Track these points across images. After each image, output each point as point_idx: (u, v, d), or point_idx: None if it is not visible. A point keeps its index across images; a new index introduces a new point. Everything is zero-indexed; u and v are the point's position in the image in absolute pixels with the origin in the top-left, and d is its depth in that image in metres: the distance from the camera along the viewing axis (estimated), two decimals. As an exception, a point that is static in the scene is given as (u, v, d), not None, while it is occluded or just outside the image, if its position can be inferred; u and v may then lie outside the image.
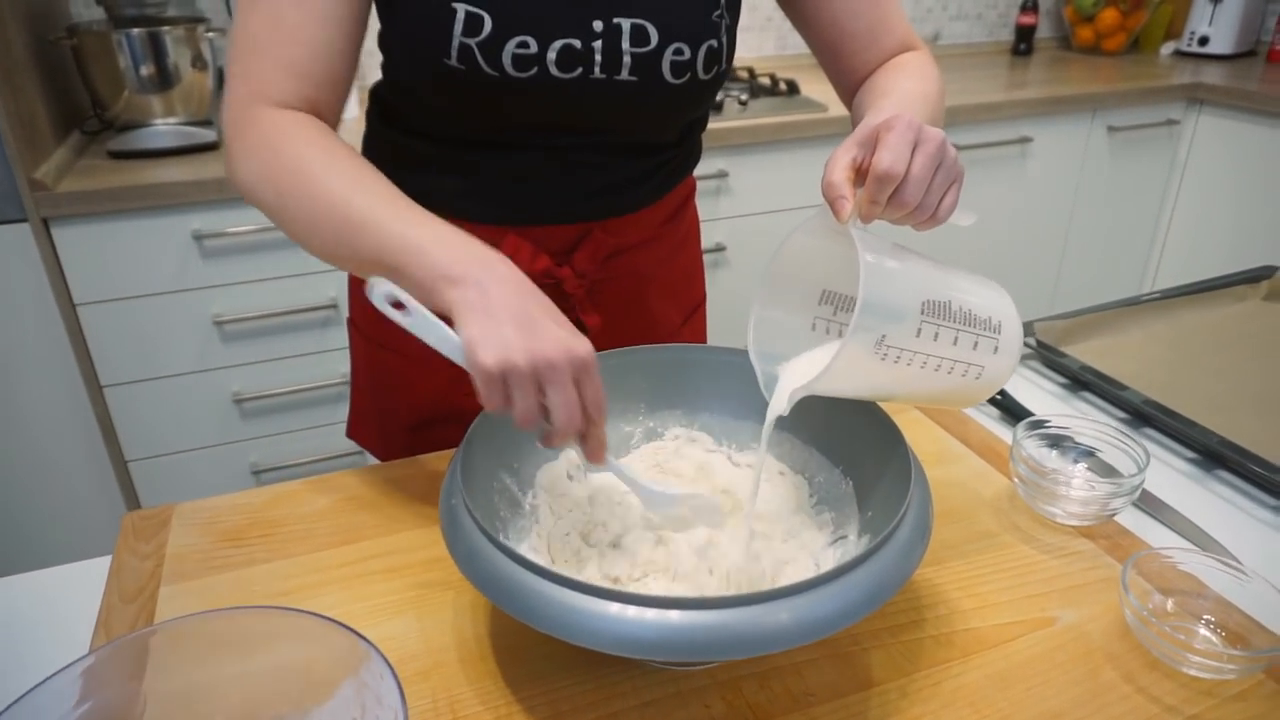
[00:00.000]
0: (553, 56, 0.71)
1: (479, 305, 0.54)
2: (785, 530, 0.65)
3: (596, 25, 0.71)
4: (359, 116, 1.85)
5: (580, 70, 0.72)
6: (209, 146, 1.65)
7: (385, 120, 0.83)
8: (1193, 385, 0.95)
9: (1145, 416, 0.90)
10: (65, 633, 0.63)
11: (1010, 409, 0.92)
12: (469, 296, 0.55)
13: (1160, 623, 0.58)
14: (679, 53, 0.74)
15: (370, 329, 0.90)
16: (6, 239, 1.45)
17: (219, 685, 0.48)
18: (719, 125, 1.84)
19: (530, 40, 0.70)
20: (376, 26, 0.75)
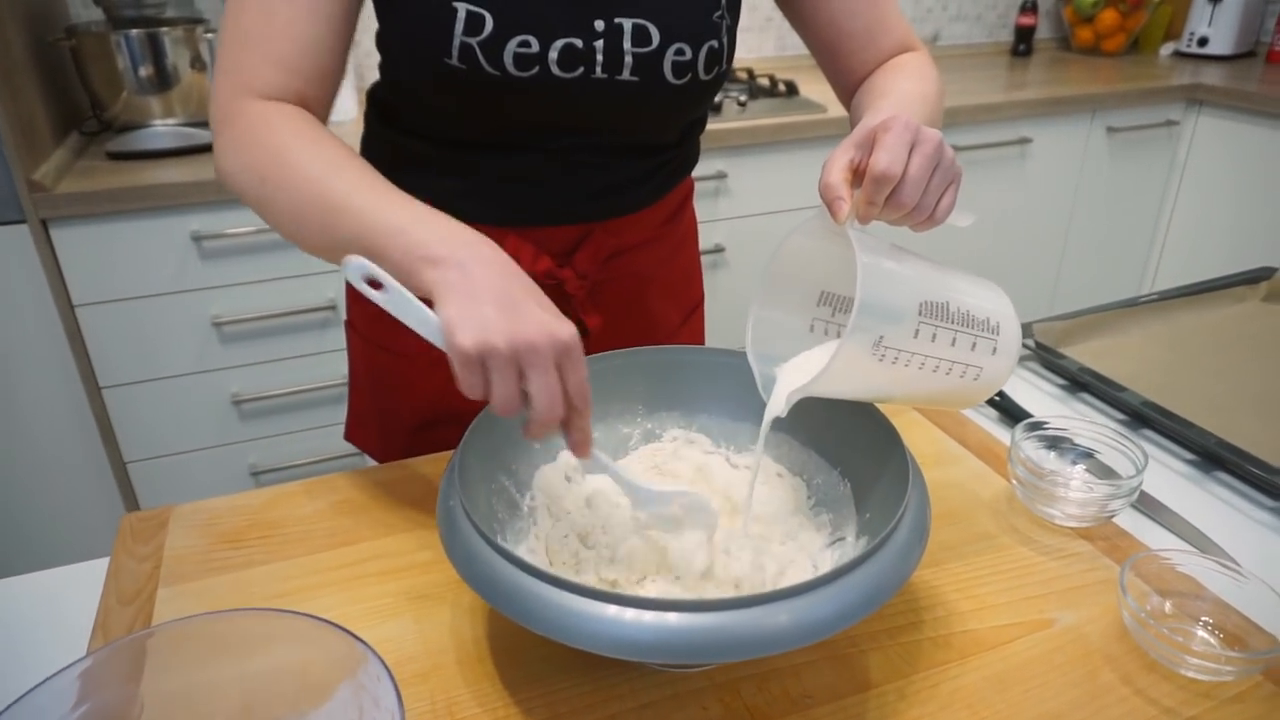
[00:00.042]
0: (554, 56, 0.71)
1: (459, 286, 0.53)
2: (783, 532, 0.65)
3: (598, 25, 0.71)
4: (358, 118, 1.85)
5: (582, 70, 0.72)
6: (208, 148, 1.64)
7: (384, 121, 0.83)
8: (1191, 387, 0.95)
9: (1144, 418, 0.90)
10: (63, 634, 0.63)
11: (1009, 410, 0.92)
12: (449, 277, 0.53)
13: (1158, 624, 0.58)
14: (680, 53, 0.74)
15: (368, 331, 0.90)
16: (5, 240, 1.45)
17: (216, 687, 0.48)
18: (718, 126, 1.85)
19: (532, 39, 0.70)
20: (374, 26, 0.75)
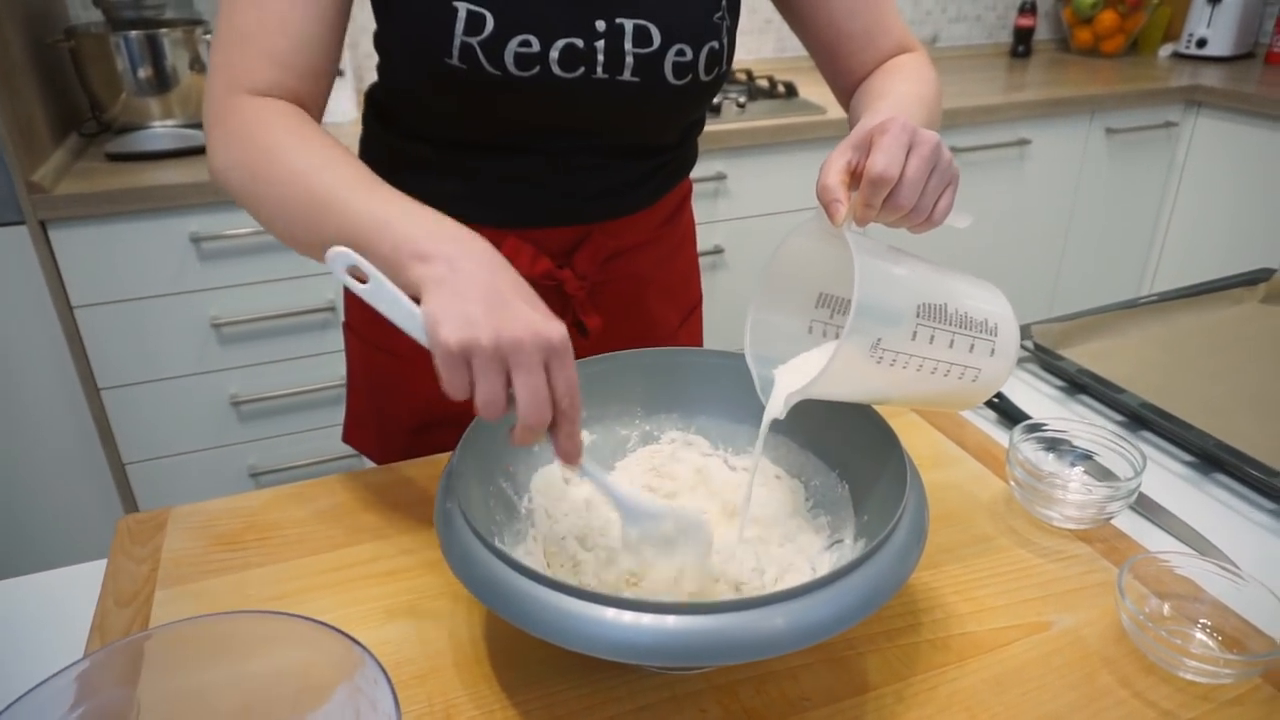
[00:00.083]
0: (555, 56, 0.71)
1: (446, 281, 0.51)
2: (782, 534, 0.65)
3: (599, 25, 0.71)
4: (357, 119, 1.85)
5: (582, 70, 0.72)
6: (206, 147, 1.64)
7: (382, 123, 0.83)
8: (1190, 388, 0.95)
9: (1142, 420, 0.90)
10: (61, 636, 0.63)
11: (1007, 412, 0.92)
12: (437, 272, 0.52)
13: (1157, 627, 0.58)
14: (681, 54, 0.74)
15: (367, 332, 0.90)
16: (4, 241, 1.45)
17: (213, 689, 0.48)
18: (717, 127, 1.85)
19: (533, 39, 0.70)
20: (373, 28, 0.75)
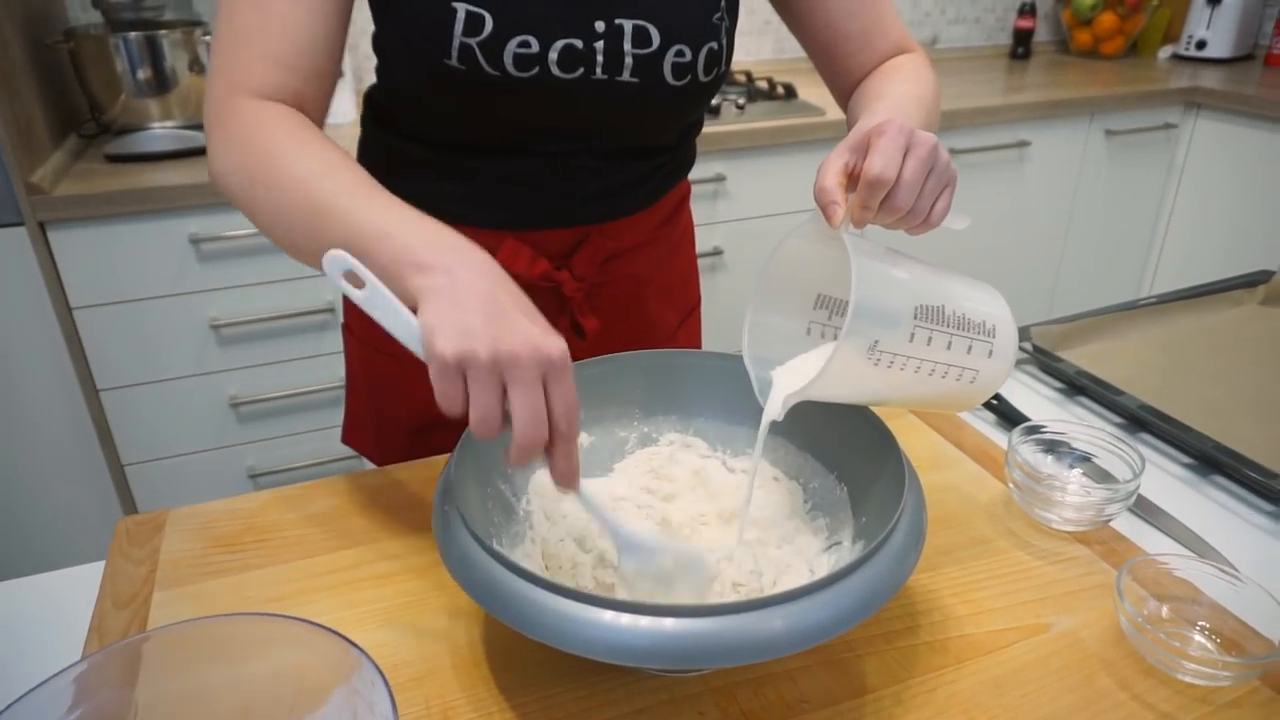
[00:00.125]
0: (554, 56, 0.70)
1: (444, 291, 0.50)
2: (780, 536, 0.65)
3: (598, 26, 0.71)
4: (356, 120, 1.84)
5: (582, 71, 0.72)
6: (206, 150, 1.64)
7: (381, 125, 0.83)
8: (1189, 390, 0.95)
9: (1141, 422, 0.90)
10: (59, 638, 0.63)
11: (1006, 414, 0.92)
12: (435, 282, 0.51)
13: (1155, 629, 0.58)
14: (680, 54, 0.74)
15: (365, 333, 0.89)
16: (3, 243, 1.45)
17: (211, 692, 0.48)
18: (716, 129, 1.85)
19: (532, 40, 0.70)
20: (372, 29, 0.75)
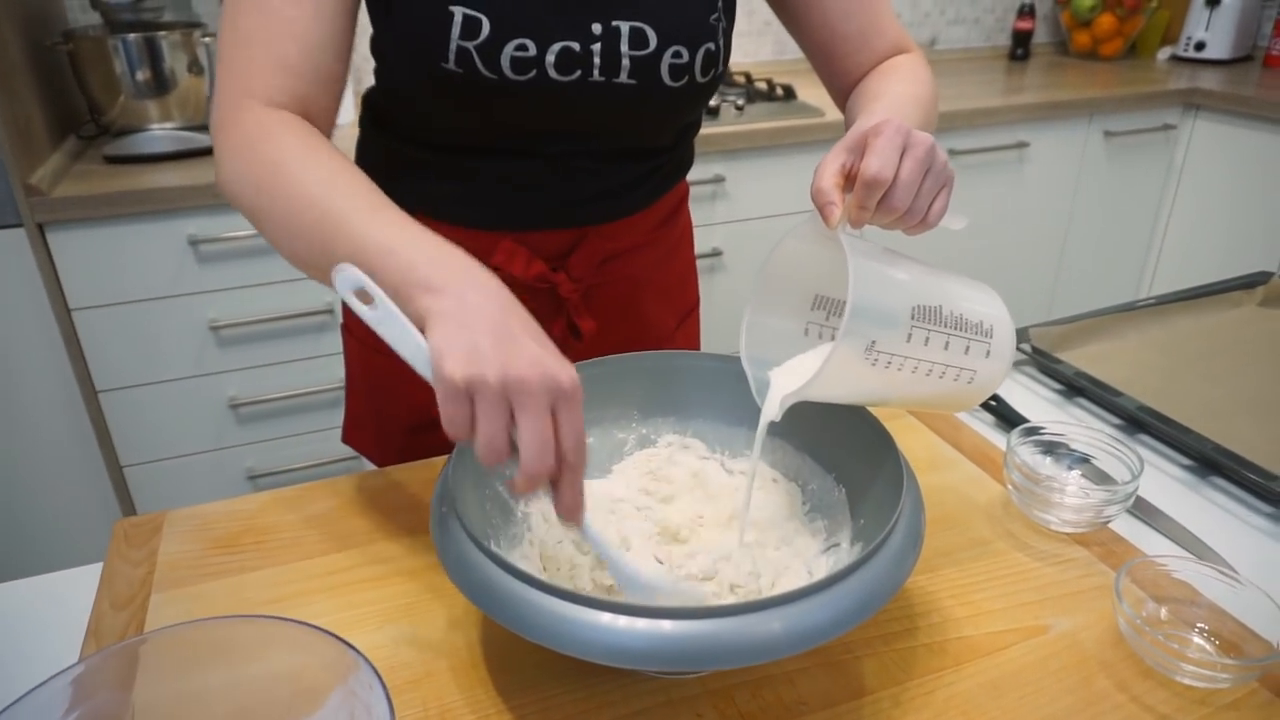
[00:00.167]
0: (551, 59, 0.70)
1: (454, 313, 0.50)
2: (778, 537, 0.65)
3: (595, 28, 0.71)
4: (354, 121, 1.84)
5: (579, 73, 0.72)
6: (205, 151, 1.64)
7: (378, 126, 0.83)
8: (1188, 392, 0.95)
9: (1140, 423, 0.90)
10: (57, 640, 0.63)
11: (1004, 415, 0.92)
12: (445, 304, 0.51)
13: (1154, 631, 0.57)
14: (677, 55, 0.74)
15: (364, 334, 0.89)
16: (2, 244, 1.45)
17: (208, 694, 0.48)
18: (716, 130, 1.85)
19: (529, 43, 0.69)
20: (369, 31, 0.75)
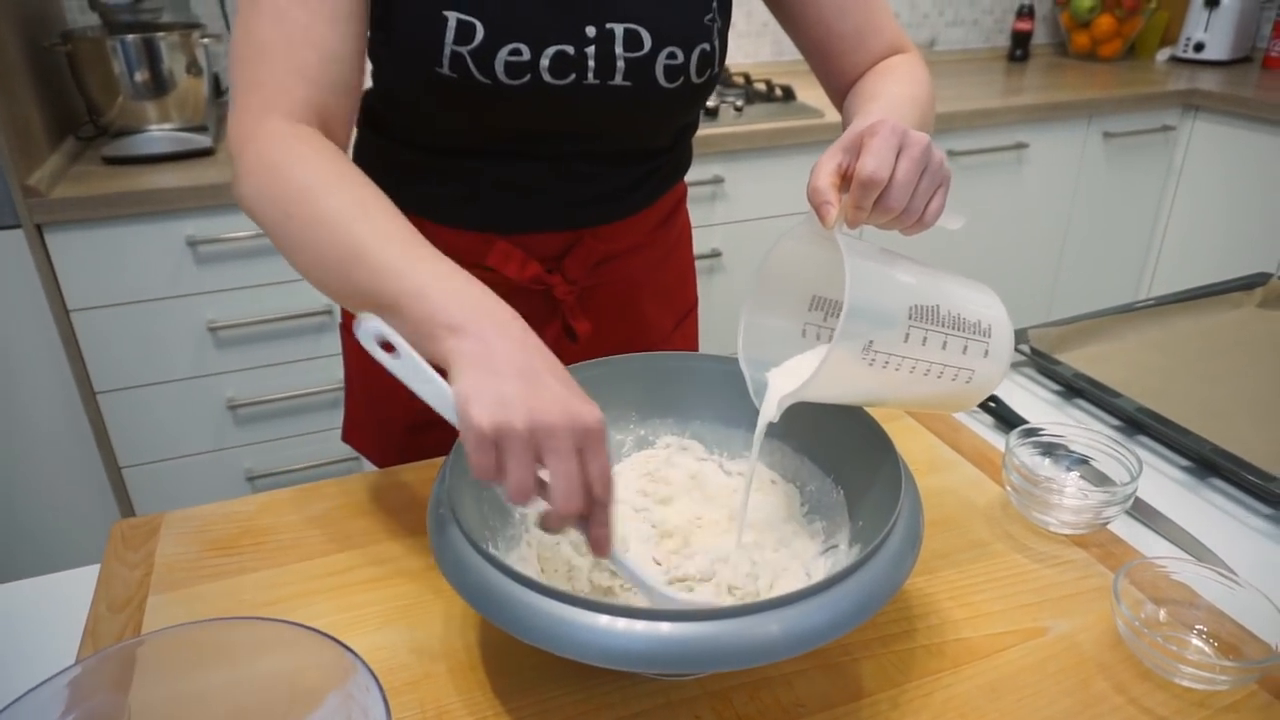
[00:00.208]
0: (545, 63, 0.70)
1: (479, 357, 0.50)
2: (777, 539, 0.65)
3: (589, 31, 0.71)
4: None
5: (574, 76, 0.72)
6: (204, 152, 1.64)
7: (375, 129, 0.83)
8: (1187, 393, 0.95)
9: (1139, 424, 0.90)
10: (54, 641, 0.63)
11: (1003, 416, 0.92)
12: (469, 347, 0.50)
13: (1152, 633, 0.57)
14: (672, 57, 0.74)
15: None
16: (0, 245, 1.45)
17: (205, 696, 0.48)
18: (715, 131, 1.85)
19: (523, 47, 0.69)
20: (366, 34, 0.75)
